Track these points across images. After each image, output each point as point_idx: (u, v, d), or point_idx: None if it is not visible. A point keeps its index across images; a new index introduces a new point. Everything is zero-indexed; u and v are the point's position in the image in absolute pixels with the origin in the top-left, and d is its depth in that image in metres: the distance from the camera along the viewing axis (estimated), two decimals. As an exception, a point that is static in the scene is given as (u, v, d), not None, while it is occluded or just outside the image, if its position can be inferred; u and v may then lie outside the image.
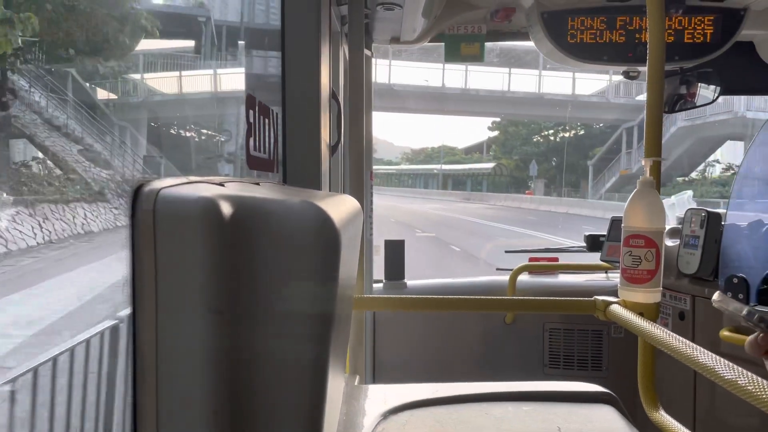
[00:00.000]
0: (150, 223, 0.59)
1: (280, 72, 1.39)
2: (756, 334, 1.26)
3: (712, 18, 2.32)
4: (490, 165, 54.44)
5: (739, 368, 0.85)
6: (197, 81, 21.77)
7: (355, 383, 1.47)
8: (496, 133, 55.81)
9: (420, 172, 69.08)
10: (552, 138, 49.02)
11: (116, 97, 21.16)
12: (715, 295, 1.67)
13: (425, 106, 35.68)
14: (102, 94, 18.69)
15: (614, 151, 37.58)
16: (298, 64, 1.39)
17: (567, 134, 47.63)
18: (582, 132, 46.43)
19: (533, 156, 46.22)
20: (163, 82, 22.07)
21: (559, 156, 46.41)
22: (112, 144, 16.97)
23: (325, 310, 0.69)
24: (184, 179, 0.67)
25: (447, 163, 64.38)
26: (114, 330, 3.05)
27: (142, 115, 20.21)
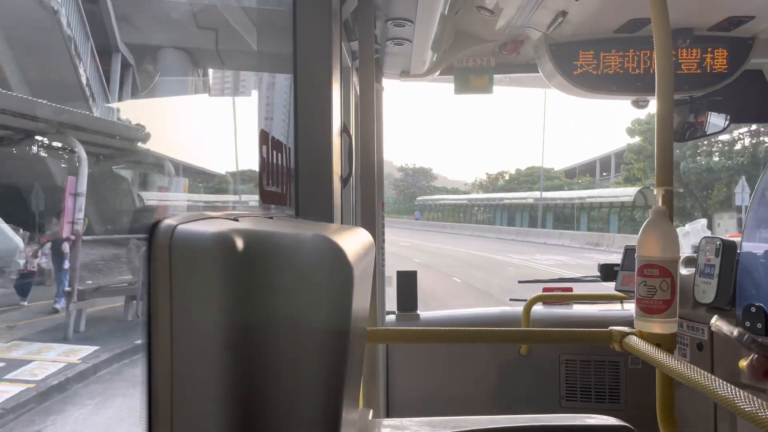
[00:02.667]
0: (166, 259, 0.60)
1: (293, 107, 1.42)
2: (751, 356, 1.24)
3: (720, 47, 2.34)
4: (628, 190, 33.91)
5: (760, 400, 0.83)
6: None
7: (369, 417, 1.45)
8: (635, 140, 33.54)
9: (503, 203, 47.49)
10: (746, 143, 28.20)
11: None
12: (713, 319, 1.64)
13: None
14: None
15: None
16: (309, 99, 1.41)
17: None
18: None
19: (713, 173, 28.21)
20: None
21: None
22: None
23: (338, 344, 0.69)
24: (199, 215, 0.68)
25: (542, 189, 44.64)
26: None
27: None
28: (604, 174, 44.25)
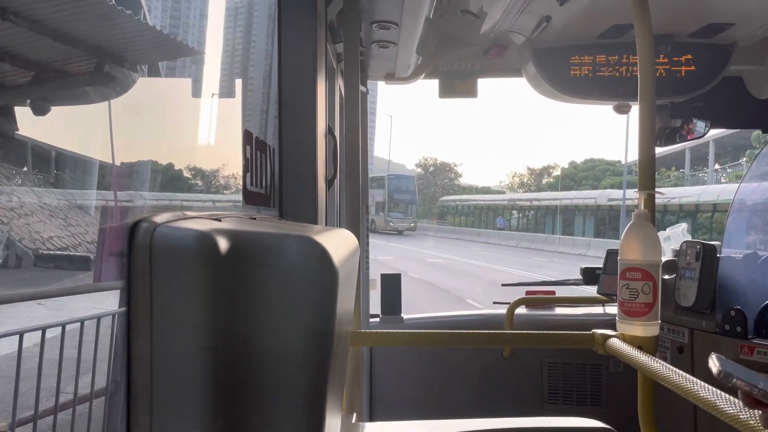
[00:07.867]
0: (146, 260, 0.59)
1: (277, 108, 1.41)
2: (738, 392, 1.25)
3: (700, 54, 2.37)
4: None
5: (740, 402, 0.84)
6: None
7: (353, 421, 1.44)
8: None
9: (557, 204, 35.03)
10: None
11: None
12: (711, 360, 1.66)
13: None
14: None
15: None
16: (294, 101, 1.41)
17: None
18: None
19: None
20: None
21: None
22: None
23: (321, 346, 0.69)
24: (180, 214, 0.67)
25: (608, 186, 34.53)
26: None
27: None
28: (698, 168, 33.08)
